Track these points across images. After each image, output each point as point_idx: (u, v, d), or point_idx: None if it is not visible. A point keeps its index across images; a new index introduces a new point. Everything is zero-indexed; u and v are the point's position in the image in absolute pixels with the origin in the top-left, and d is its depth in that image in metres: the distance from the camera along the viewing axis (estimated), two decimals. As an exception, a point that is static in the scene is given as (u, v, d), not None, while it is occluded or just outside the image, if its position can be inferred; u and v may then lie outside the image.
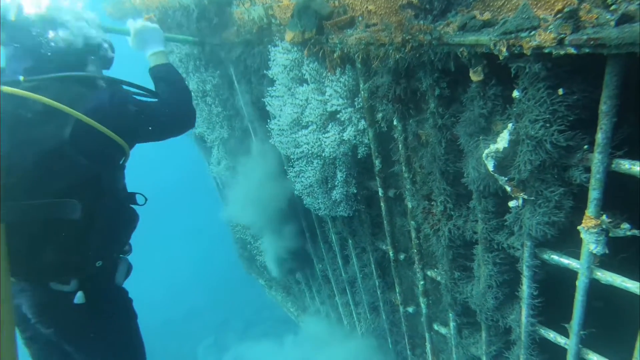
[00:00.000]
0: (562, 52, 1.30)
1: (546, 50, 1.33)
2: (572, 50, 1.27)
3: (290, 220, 3.83)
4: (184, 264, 14.04)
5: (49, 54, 2.16)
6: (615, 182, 1.48)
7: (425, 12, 1.83)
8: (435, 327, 2.87)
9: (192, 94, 3.97)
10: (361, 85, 2.24)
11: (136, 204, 2.56)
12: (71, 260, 2.18)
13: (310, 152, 2.56)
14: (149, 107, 2.33)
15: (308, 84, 2.44)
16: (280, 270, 4.45)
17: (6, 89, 1.91)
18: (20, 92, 1.93)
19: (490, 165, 1.67)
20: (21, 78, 2.00)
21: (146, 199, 2.59)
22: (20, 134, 1.95)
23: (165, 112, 2.38)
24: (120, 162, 2.38)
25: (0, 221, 1.92)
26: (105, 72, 2.53)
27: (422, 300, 2.78)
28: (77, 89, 2.11)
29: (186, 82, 2.62)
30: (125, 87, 2.46)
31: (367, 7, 2.13)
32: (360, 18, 2.18)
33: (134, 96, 2.40)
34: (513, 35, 1.40)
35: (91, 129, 2.06)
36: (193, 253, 14.37)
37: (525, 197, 1.66)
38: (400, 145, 2.22)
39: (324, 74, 2.38)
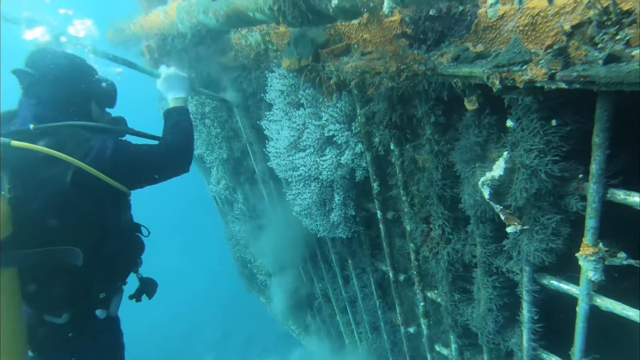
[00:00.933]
0: (553, 87, 1.32)
1: (538, 84, 1.35)
2: (563, 85, 1.29)
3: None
4: (185, 280, 13.99)
5: (57, 100, 2.31)
6: (612, 211, 1.50)
7: (420, 42, 1.86)
8: (437, 348, 2.86)
9: (192, 116, 4.04)
10: (358, 111, 2.26)
11: (141, 233, 2.70)
12: (74, 295, 2.28)
13: (307, 174, 2.57)
14: (146, 154, 2.40)
15: (305, 109, 2.46)
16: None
17: (15, 143, 2.04)
18: (26, 145, 2.04)
19: (486, 193, 1.68)
20: (31, 126, 2.13)
21: (149, 232, 2.73)
22: (25, 183, 2.08)
23: (163, 157, 2.47)
24: (123, 202, 2.49)
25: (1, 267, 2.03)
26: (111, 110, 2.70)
27: (423, 321, 2.78)
28: (80, 137, 2.22)
29: (193, 130, 2.75)
30: (126, 128, 2.62)
31: (362, 36, 2.16)
32: (355, 46, 2.21)
33: (131, 142, 2.48)
34: (505, 68, 1.43)
35: (91, 176, 2.15)
36: (195, 269, 14.35)
37: (519, 227, 1.67)
38: (397, 170, 2.24)
39: (321, 100, 2.40)
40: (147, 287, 2.87)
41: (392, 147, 2.21)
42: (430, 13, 1.75)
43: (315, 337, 4.74)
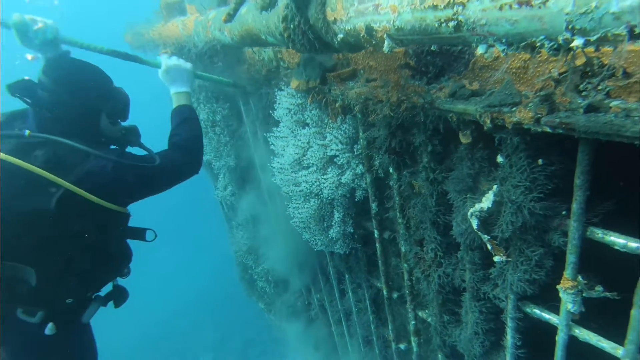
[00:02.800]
0: (539, 130, 1.41)
1: (525, 127, 1.44)
2: (547, 129, 1.38)
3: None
4: (187, 280, 14.10)
5: (65, 111, 2.25)
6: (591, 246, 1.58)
7: (421, 73, 1.95)
8: (426, 366, 2.93)
9: (202, 123, 4.16)
10: (360, 134, 2.36)
11: (143, 239, 2.65)
12: (41, 295, 2.23)
13: (309, 191, 2.67)
14: (148, 170, 2.34)
15: (310, 128, 2.56)
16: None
17: (4, 156, 2.00)
18: (11, 159, 2.00)
19: (474, 224, 1.76)
20: (27, 133, 2.09)
21: (156, 236, 2.68)
22: (10, 194, 2.02)
23: (168, 170, 2.43)
24: (118, 220, 2.45)
25: None
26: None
27: (413, 339, 2.85)
28: (79, 153, 2.16)
29: (201, 128, 2.72)
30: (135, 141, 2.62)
31: (368, 63, 2.27)
32: (362, 72, 2.31)
33: (135, 155, 2.42)
34: (496, 109, 1.52)
35: (83, 199, 2.10)
36: (196, 270, 14.44)
37: (504, 258, 1.75)
38: (395, 193, 2.33)
39: (326, 121, 2.50)
40: (117, 295, 2.73)
41: (391, 170, 2.30)
42: (432, 48, 1.85)
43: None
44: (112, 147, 2.52)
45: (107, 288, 2.72)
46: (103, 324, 2.54)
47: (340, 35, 1.64)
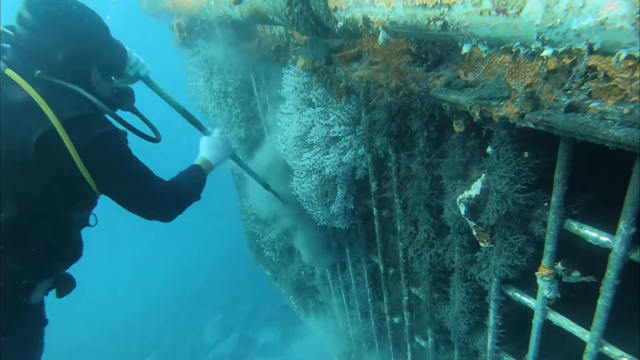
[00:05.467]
0: (523, 125, 1.47)
1: (511, 121, 1.50)
2: (531, 125, 1.44)
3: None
4: (197, 243, 14.42)
5: (49, 54, 1.99)
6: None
7: (421, 60, 2.00)
8: (417, 339, 3.07)
9: (215, 93, 4.24)
10: (363, 115, 2.42)
11: (88, 225, 2.40)
12: None
13: (311, 167, 2.75)
14: (148, 177, 2.21)
15: (315, 107, 2.63)
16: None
17: (10, 72, 1.86)
18: (19, 79, 1.85)
19: (462, 210, 1.84)
20: (37, 72, 1.90)
21: (97, 221, 2.43)
22: None
23: (158, 193, 2.25)
24: (85, 198, 2.22)
25: None
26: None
27: (406, 314, 2.98)
28: (81, 106, 1.97)
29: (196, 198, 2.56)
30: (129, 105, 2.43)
31: (372, 45, 2.31)
32: (366, 54, 2.36)
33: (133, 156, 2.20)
34: (486, 101, 1.57)
35: (62, 146, 1.86)
36: (207, 233, 14.70)
37: (487, 244, 1.84)
38: (392, 174, 2.41)
39: (330, 100, 2.56)
40: (62, 284, 2.35)
41: (390, 152, 2.37)
42: (431, 38, 1.89)
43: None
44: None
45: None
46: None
47: (341, 23, 1.69)
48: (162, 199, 2.28)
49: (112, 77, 2.34)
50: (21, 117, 1.85)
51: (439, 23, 1.25)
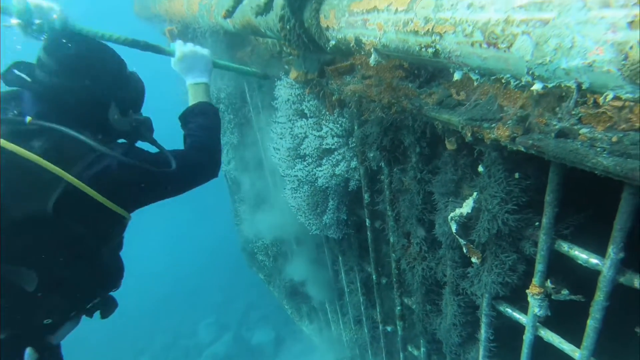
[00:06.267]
0: (514, 148, 1.47)
1: (502, 144, 1.50)
2: (522, 149, 1.44)
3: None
4: (191, 242, 14.39)
5: (68, 97, 2.00)
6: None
7: (414, 76, 2.00)
8: (409, 348, 3.08)
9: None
10: (355, 128, 2.42)
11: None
12: (14, 316, 1.95)
13: (304, 178, 2.75)
14: (165, 174, 2.09)
15: (307, 119, 2.62)
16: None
17: (5, 144, 1.78)
18: (17, 149, 1.78)
19: (453, 228, 1.85)
20: (28, 119, 1.86)
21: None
22: (6, 184, 1.79)
23: (181, 177, 2.18)
24: (117, 227, 2.19)
25: None
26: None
27: (398, 323, 2.99)
28: (83, 145, 1.90)
29: (220, 127, 2.48)
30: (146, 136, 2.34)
31: (366, 59, 2.30)
32: (359, 67, 2.35)
33: (146, 152, 2.16)
34: (477, 123, 1.57)
35: (84, 195, 1.86)
36: (201, 232, 14.68)
37: (477, 261, 1.85)
38: (385, 187, 2.41)
39: (323, 112, 2.56)
40: (105, 305, 2.38)
41: (382, 165, 2.37)
42: (424, 55, 1.89)
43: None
44: (120, 141, 2.23)
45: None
46: None
47: (332, 42, 1.69)
48: (198, 167, 2.26)
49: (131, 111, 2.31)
50: (30, 182, 1.81)
51: (430, 50, 1.25)
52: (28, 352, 2.02)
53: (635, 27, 0.73)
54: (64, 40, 2.06)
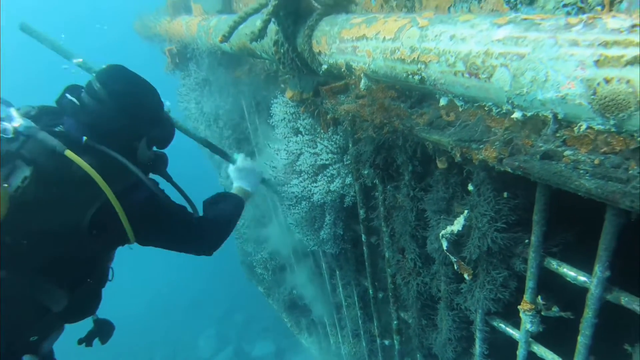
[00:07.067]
0: (502, 169, 1.51)
1: (490, 165, 1.54)
2: (509, 170, 1.48)
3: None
4: (190, 258, 14.36)
5: (109, 124, 2.15)
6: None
7: (405, 96, 2.04)
8: (407, 362, 3.10)
9: (205, 115, 4.28)
10: (350, 146, 2.47)
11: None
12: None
13: (300, 195, 2.79)
14: (177, 223, 2.30)
15: (303, 136, 2.67)
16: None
17: (69, 154, 1.93)
18: (79, 160, 1.93)
19: (443, 245, 1.89)
20: (84, 139, 2.01)
21: (112, 277, 2.48)
22: (47, 188, 1.91)
23: (193, 235, 2.37)
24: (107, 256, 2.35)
25: None
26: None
27: (395, 337, 3.01)
28: (124, 171, 2.08)
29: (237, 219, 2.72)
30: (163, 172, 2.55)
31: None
32: (353, 87, 2.40)
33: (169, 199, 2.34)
34: (466, 144, 1.61)
35: (114, 213, 2.00)
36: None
37: (468, 277, 1.88)
38: (379, 204, 2.45)
39: (318, 130, 2.61)
40: (102, 330, 2.55)
41: (376, 182, 2.41)
42: (415, 76, 1.94)
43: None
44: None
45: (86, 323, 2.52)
46: (105, 298, 2.38)
47: (325, 66, 1.75)
48: (201, 238, 2.45)
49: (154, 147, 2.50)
50: (75, 191, 1.95)
51: (417, 77, 1.30)
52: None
53: (601, 65, 0.77)
54: (119, 74, 2.23)
